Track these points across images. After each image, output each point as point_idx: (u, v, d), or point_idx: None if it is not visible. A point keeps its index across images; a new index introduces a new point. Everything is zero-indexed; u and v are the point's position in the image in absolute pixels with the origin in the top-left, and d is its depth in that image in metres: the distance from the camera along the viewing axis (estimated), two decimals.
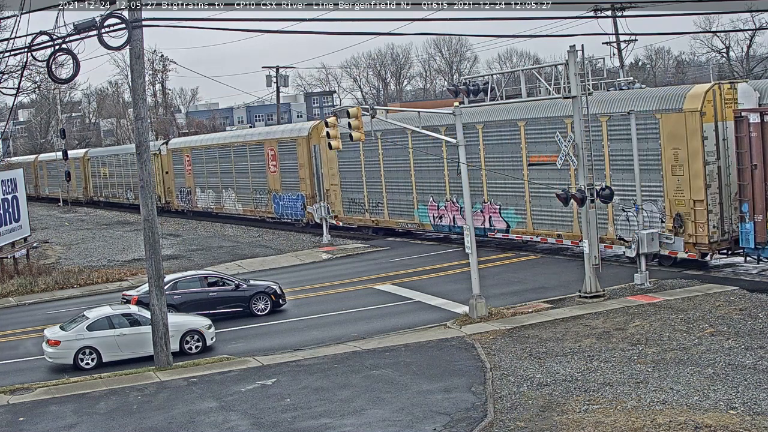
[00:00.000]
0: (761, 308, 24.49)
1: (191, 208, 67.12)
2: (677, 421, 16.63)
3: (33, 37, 23.53)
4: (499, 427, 17.42)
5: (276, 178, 54.21)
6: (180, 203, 68.96)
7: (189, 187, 67.07)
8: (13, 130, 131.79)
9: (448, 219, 40.98)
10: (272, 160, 54.50)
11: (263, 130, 61.35)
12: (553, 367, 20.97)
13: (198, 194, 65.50)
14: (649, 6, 50.71)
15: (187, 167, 66.97)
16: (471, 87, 30.48)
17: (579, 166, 28.04)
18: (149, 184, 24.88)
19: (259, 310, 30.46)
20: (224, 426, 19.08)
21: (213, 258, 44.70)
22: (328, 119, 29.27)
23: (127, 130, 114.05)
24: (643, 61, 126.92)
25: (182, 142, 71.13)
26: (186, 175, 67.28)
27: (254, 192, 57.32)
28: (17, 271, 42.62)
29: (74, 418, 20.56)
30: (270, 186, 55.12)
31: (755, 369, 19.43)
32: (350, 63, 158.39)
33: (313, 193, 50.10)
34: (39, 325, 30.55)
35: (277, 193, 54.11)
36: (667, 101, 30.75)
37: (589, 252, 27.91)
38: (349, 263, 40.28)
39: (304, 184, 50.99)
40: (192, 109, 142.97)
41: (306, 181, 50.88)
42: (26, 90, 53.42)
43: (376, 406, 19.40)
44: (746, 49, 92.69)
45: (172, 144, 71.41)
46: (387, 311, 29.52)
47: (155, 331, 24.54)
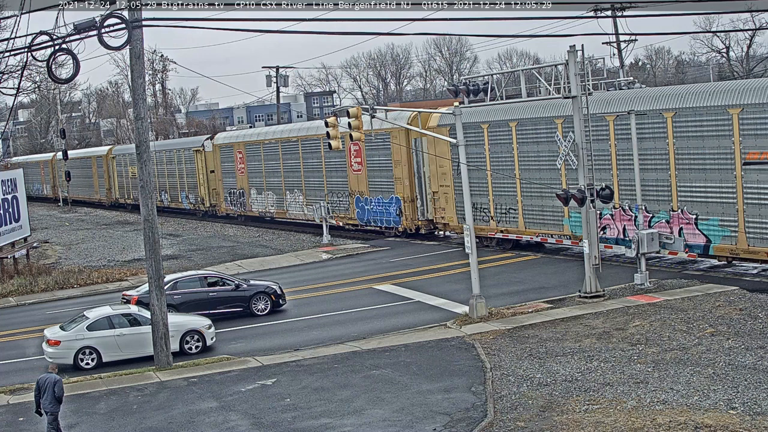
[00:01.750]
0: (761, 308, 24.48)
1: (244, 212, 58.82)
2: (677, 421, 16.63)
3: (33, 37, 23.54)
4: (499, 427, 17.42)
5: (361, 178, 46.65)
6: (229, 207, 60.61)
7: (241, 188, 58.64)
8: (13, 130, 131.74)
9: (615, 230, 32.61)
10: (355, 157, 46.69)
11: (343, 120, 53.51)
12: (553, 367, 20.97)
13: (253, 196, 57.43)
14: (649, 6, 50.74)
15: (239, 165, 58.55)
16: (471, 87, 30.49)
17: (579, 166, 28.05)
18: (149, 184, 24.87)
19: (259, 310, 30.46)
20: (224, 426, 19.08)
21: (213, 258, 44.70)
22: (328, 119, 29.27)
23: (127, 130, 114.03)
24: (643, 61, 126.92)
25: (233, 136, 62.57)
26: (237, 175, 58.89)
27: (330, 194, 49.32)
28: (17, 271, 42.63)
29: (74, 418, 20.56)
30: (352, 187, 47.37)
31: (755, 369, 19.43)
32: (350, 63, 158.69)
33: (412, 196, 43.15)
34: (39, 325, 30.55)
35: (362, 196, 46.52)
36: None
37: (589, 252, 27.92)
38: (349, 263, 40.28)
39: (401, 185, 43.22)
40: (192, 109, 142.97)
41: (403, 181, 43.17)
42: (26, 90, 53.60)
43: (376, 406, 19.41)
44: (746, 49, 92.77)
45: (219, 139, 62.62)
46: (387, 311, 29.51)
47: (155, 331, 24.54)
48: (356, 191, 47.03)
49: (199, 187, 64.07)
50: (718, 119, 28.39)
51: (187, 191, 66.16)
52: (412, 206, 43.14)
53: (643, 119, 30.54)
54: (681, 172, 29.78)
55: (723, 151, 28.38)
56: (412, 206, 43.14)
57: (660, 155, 30.39)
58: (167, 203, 69.65)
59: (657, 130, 30.31)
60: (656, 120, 30.30)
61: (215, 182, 62.17)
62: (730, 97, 28.10)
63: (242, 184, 58.47)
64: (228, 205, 60.78)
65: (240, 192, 58.85)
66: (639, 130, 30.53)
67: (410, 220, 43.29)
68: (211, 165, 62.28)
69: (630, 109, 30.65)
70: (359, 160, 46.50)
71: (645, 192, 30.64)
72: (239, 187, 58.87)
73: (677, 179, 29.90)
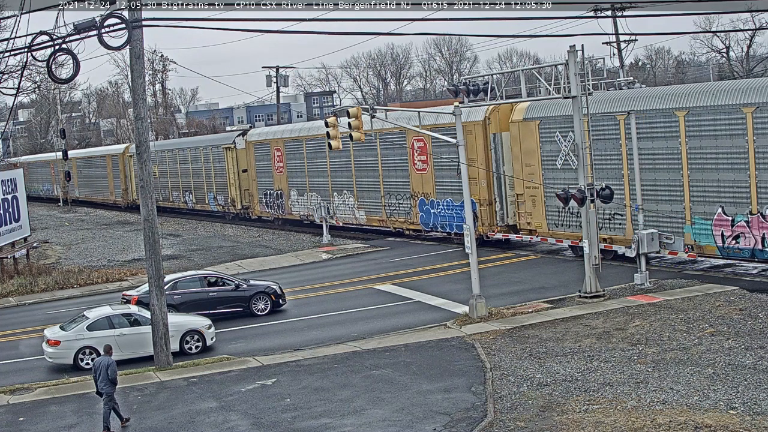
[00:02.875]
0: (761, 308, 24.48)
1: (282, 215, 53.87)
2: (677, 421, 16.63)
3: (33, 37, 23.54)
4: (499, 427, 17.42)
5: (426, 178, 41.58)
6: (265, 209, 55.69)
7: (279, 189, 53.59)
8: (13, 130, 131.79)
9: (751, 240, 28.21)
10: (420, 155, 41.95)
11: (404, 115, 41.53)
12: (553, 367, 20.97)
13: (294, 198, 52.39)
14: (649, 6, 50.77)
15: (276, 164, 53.48)
16: (471, 87, 30.50)
17: (579, 166, 28.04)
18: (149, 184, 24.88)
19: (259, 310, 30.46)
20: (224, 426, 19.08)
21: (213, 258, 44.70)
22: (328, 119, 29.26)
23: (127, 130, 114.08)
24: (643, 61, 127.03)
25: (270, 132, 56.92)
26: (275, 174, 53.86)
27: (388, 196, 44.44)
28: (17, 271, 42.63)
29: (74, 418, 20.57)
30: (414, 188, 42.61)
31: (755, 369, 19.43)
32: (350, 63, 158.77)
33: (490, 199, 38.13)
34: (39, 325, 30.55)
35: (427, 198, 41.55)
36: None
37: (589, 252, 27.91)
38: (349, 263, 40.28)
39: (476, 186, 37.53)
40: (192, 109, 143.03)
41: (479, 182, 37.96)
42: (26, 90, 53.56)
43: (376, 406, 19.40)
44: (746, 49, 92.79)
45: (253, 135, 57.41)
46: (387, 311, 29.51)
47: (155, 331, 24.54)
48: (420, 193, 42.18)
49: (229, 187, 59.39)
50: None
51: (215, 192, 61.70)
52: (490, 210, 38.02)
53: (717, 115, 28.80)
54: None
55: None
56: (490, 210, 38.02)
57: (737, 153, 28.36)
58: (192, 205, 65.47)
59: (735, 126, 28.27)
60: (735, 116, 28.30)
61: (248, 182, 57.26)
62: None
63: (281, 185, 53.54)
64: (263, 208, 55.75)
65: (278, 193, 53.97)
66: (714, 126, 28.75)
67: (487, 226, 38.16)
68: (243, 164, 57.42)
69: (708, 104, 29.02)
70: (424, 158, 41.70)
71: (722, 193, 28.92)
72: (277, 188, 53.96)
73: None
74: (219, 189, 61.22)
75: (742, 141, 28.15)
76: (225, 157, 59.51)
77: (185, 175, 65.80)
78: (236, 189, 58.31)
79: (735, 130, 28.39)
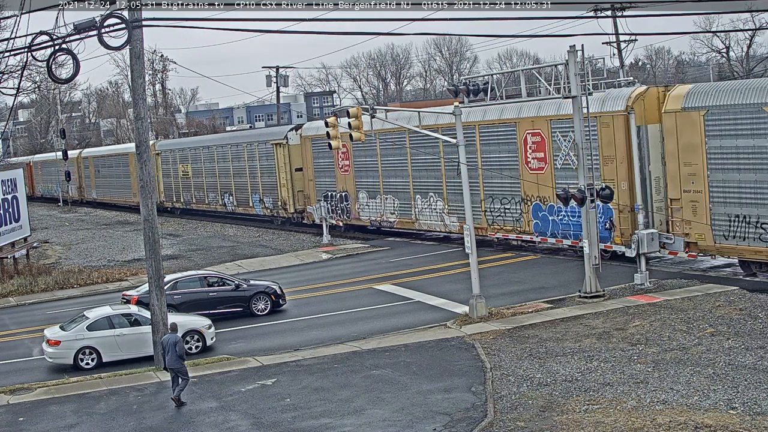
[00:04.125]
0: (761, 308, 24.49)
1: (347, 220, 47.88)
2: (677, 421, 16.63)
3: (33, 37, 23.54)
4: (499, 427, 17.42)
5: (544, 179, 35.06)
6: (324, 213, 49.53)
7: (344, 190, 47.58)
8: (13, 130, 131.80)
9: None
10: (536, 151, 35.26)
11: (515, 105, 35.28)
12: (553, 367, 20.97)
13: (362, 201, 46.39)
14: (649, 6, 50.77)
15: (340, 162, 47.44)
16: (471, 87, 30.51)
17: (579, 166, 28.04)
18: (149, 184, 24.91)
19: (259, 310, 30.46)
20: (224, 426, 19.09)
21: (213, 258, 44.70)
22: (328, 119, 29.26)
23: (127, 130, 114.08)
24: (643, 61, 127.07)
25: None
26: (338, 174, 47.84)
27: (490, 200, 37.92)
28: (17, 271, 42.63)
29: (74, 418, 20.57)
30: (527, 191, 35.96)
31: (755, 369, 19.43)
32: (350, 63, 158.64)
33: (631, 204, 31.64)
34: (39, 325, 30.55)
35: (544, 203, 35.30)
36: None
37: (589, 252, 27.91)
38: (349, 263, 40.27)
39: (615, 189, 31.44)
40: (192, 109, 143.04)
41: (619, 184, 32.12)
42: (26, 90, 53.51)
43: (376, 406, 19.41)
44: (746, 49, 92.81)
45: (310, 129, 50.14)
46: (387, 311, 29.52)
47: (155, 331, 24.54)
48: (534, 196, 35.63)
49: (279, 188, 53.23)
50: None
51: (262, 193, 55.45)
52: (631, 218, 31.59)
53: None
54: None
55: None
56: (631, 218, 31.59)
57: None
58: (232, 208, 59.51)
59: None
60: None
61: (303, 183, 51.32)
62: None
63: (345, 186, 47.39)
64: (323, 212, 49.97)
65: (342, 195, 47.67)
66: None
67: (628, 237, 31.54)
68: (297, 161, 51.44)
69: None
70: (541, 156, 35.08)
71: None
72: (341, 190, 47.75)
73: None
74: (266, 190, 55.21)
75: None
76: (275, 154, 53.32)
77: (225, 175, 59.88)
78: (288, 190, 52.12)
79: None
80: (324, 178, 49.33)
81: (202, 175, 63.34)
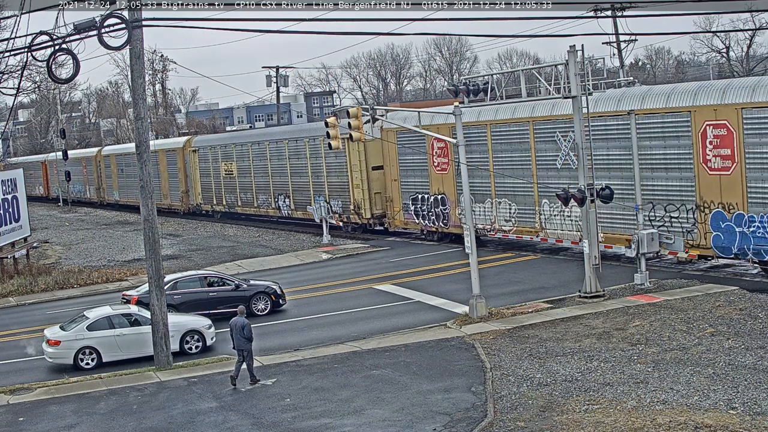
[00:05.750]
0: (761, 308, 24.49)
1: (445, 228, 41.11)
2: (677, 421, 16.63)
3: (33, 37, 23.54)
4: (499, 427, 17.42)
5: (731, 182, 28.38)
6: (413, 219, 42.96)
7: (440, 192, 40.88)
8: (13, 130, 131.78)
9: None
10: (717, 147, 28.56)
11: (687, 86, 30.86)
12: (553, 367, 20.97)
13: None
14: (649, 6, 50.77)
15: (435, 159, 40.88)
16: (471, 87, 30.50)
17: (579, 166, 28.04)
18: (149, 184, 24.91)
19: (259, 310, 30.45)
20: (224, 426, 19.09)
21: (213, 258, 44.70)
22: (328, 119, 29.25)
23: (127, 130, 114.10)
24: (643, 61, 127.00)
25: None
26: (432, 173, 41.26)
27: (650, 204, 31.03)
28: (17, 271, 42.63)
29: (74, 418, 20.57)
30: (704, 195, 29.28)
31: (755, 369, 19.43)
32: (350, 63, 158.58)
33: None
34: (39, 325, 30.55)
35: (728, 211, 28.56)
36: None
37: (589, 252, 27.92)
38: (349, 263, 40.27)
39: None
40: (192, 109, 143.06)
41: None
42: (26, 90, 53.48)
43: (376, 406, 19.41)
44: (746, 49, 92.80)
45: (395, 119, 38.54)
46: (387, 311, 29.51)
47: (155, 331, 24.55)
48: (715, 203, 29.06)
49: (351, 190, 46.35)
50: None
51: (329, 196, 48.70)
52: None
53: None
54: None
55: None
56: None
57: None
58: (288, 212, 52.69)
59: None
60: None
61: (382, 184, 44.91)
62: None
63: (442, 188, 40.80)
64: (411, 217, 43.10)
65: (438, 199, 41.19)
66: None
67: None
68: (375, 159, 44.78)
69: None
70: (728, 153, 28.34)
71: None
72: (435, 192, 41.22)
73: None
74: (334, 192, 48.25)
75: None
76: (346, 151, 45.38)
77: (280, 174, 52.67)
78: (363, 192, 45.25)
79: None
80: (413, 179, 42.64)
81: (250, 175, 56.15)
